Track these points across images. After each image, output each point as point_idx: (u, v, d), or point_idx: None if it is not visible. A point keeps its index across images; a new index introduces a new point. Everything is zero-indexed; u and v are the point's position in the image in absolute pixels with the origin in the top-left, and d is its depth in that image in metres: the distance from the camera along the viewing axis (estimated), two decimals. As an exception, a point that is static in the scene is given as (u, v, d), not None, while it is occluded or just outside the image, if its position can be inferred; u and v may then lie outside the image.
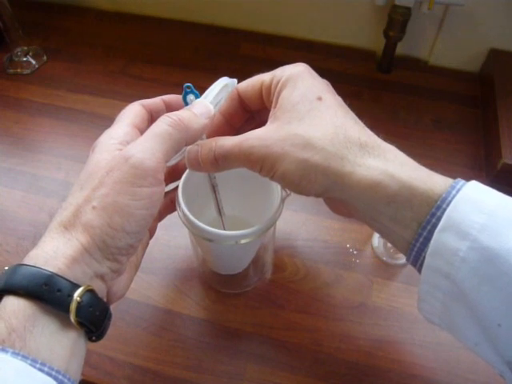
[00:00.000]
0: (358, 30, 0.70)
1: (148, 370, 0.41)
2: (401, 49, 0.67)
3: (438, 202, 0.27)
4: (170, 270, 0.47)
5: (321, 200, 0.34)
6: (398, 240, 0.30)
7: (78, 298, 0.25)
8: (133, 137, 0.30)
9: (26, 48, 0.69)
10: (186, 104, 0.32)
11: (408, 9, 0.60)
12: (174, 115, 0.30)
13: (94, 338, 0.27)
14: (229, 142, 0.30)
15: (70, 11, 0.79)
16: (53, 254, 0.26)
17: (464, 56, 0.68)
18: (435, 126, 0.62)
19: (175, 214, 0.38)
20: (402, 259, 0.48)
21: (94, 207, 0.26)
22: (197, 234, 0.36)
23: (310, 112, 0.29)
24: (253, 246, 0.42)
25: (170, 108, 0.34)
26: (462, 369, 0.41)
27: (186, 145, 0.31)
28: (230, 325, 0.44)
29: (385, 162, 0.28)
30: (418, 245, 0.28)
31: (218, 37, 0.74)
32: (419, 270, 0.29)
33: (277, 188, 0.38)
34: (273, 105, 0.31)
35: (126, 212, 0.27)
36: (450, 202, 0.27)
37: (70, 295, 0.25)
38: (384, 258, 0.48)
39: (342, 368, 0.41)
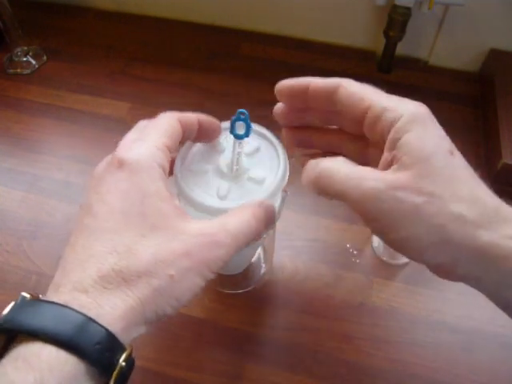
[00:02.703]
0: (358, 30, 0.70)
1: (148, 369, 0.41)
2: (401, 49, 0.66)
3: None
4: (170, 270, 0.47)
5: (321, 200, 0.34)
6: None
7: (123, 364, 0.23)
8: (165, 163, 0.27)
9: (26, 48, 0.69)
10: (234, 129, 0.30)
11: (408, 9, 0.60)
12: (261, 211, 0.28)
13: None
14: (341, 176, 0.26)
15: (70, 11, 0.79)
16: (109, 309, 0.22)
17: (464, 56, 0.68)
18: (435, 126, 0.61)
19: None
20: (402, 259, 0.48)
21: (171, 276, 0.24)
22: (199, 213, 0.35)
23: (444, 169, 0.25)
24: (253, 246, 0.42)
25: (201, 130, 0.32)
26: (462, 369, 0.41)
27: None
28: (229, 325, 0.44)
29: None
30: None
31: (218, 37, 0.74)
32: None
33: None
34: (386, 145, 0.27)
35: (197, 291, 0.25)
36: None
37: (118, 359, 0.22)
38: (384, 258, 0.48)
39: (342, 368, 0.41)
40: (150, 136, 0.27)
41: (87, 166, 0.57)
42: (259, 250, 0.47)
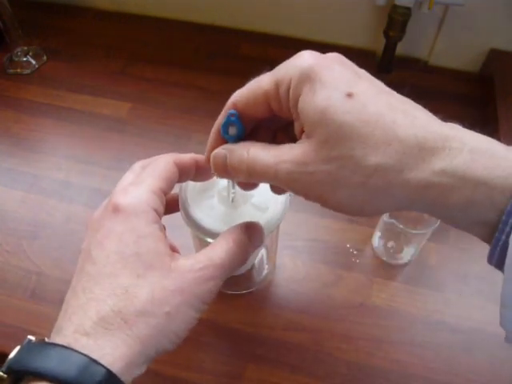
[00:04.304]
0: (358, 30, 0.70)
1: (148, 369, 0.41)
2: (401, 49, 0.66)
3: None
4: (170, 270, 0.47)
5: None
6: (480, 236, 0.25)
7: None
8: (160, 206, 0.28)
9: (26, 48, 0.69)
10: (226, 133, 0.28)
11: (408, 9, 0.60)
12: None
13: None
14: (262, 158, 0.25)
15: (70, 11, 0.79)
16: (110, 350, 0.24)
17: (464, 56, 0.68)
18: (435, 126, 0.62)
19: (176, 214, 0.38)
20: (401, 259, 0.48)
21: (167, 313, 0.25)
22: (201, 236, 0.35)
23: (345, 118, 0.23)
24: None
25: (198, 169, 0.32)
26: (461, 369, 0.41)
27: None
28: (230, 325, 0.44)
29: (451, 159, 0.22)
30: (503, 237, 0.23)
31: (218, 37, 0.74)
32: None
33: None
34: (293, 115, 0.26)
35: (193, 322, 0.27)
36: None
37: None
38: (384, 258, 0.48)
39: (342, 368, 0.41)
40: (146, 180, 0.28)
41: (87, 166, 0.57)
42: (262, 251, 0.47)
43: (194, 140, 0.60)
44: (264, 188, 0.35)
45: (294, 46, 0.74)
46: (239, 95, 0.28)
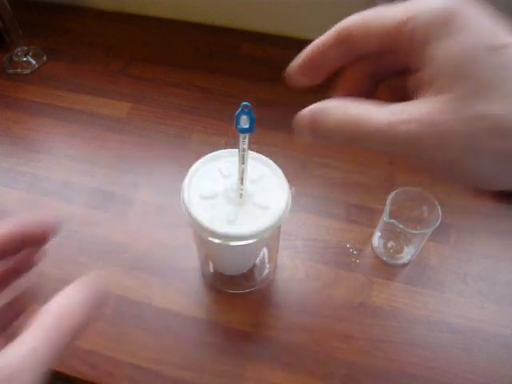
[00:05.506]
0: (358, 29, 0.70)
1: (148, 370, 0.41)
2: (401, 49, 0.67)
3: None
4: (171, 269, 0.47)
5: (321, 200, 0.34)
6: None
7: None
8: None
9: (26, 48, 0.69)
10: (238, 123, 0.29)
11: (408, 9, 0.60)
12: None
13: None
14: (371, 117, 0.22)
15: (70, 11, 0.79)
16: None
17: (464, 56, 0.68)
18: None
19: (176, 213, 0.37)
20: (401, 259, 0.48)
21: None
22: (204, 236, 0.35)
23: (487, 73, 0.20)
24: (259, 245, 0.42)
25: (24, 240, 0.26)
26: (461, 369, 0.41)
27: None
28: (230, 325, 0.44)
29: None
30: None
31: (217, 37, 0.74)
32: None
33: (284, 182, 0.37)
34: (414, 63, 0.22)
35: None
36: None
37: None
38: (384, 258, 0.48)
39: (342, 368, 0.41)
40: None
41: (87, 166, 0.57)
42: (264, 250, 0.47)
43: (194, 140, 0.60)
44: (266, 187, 0.35)
45: (294, 45, 0.74)
46: (359, 18, 0.25)
